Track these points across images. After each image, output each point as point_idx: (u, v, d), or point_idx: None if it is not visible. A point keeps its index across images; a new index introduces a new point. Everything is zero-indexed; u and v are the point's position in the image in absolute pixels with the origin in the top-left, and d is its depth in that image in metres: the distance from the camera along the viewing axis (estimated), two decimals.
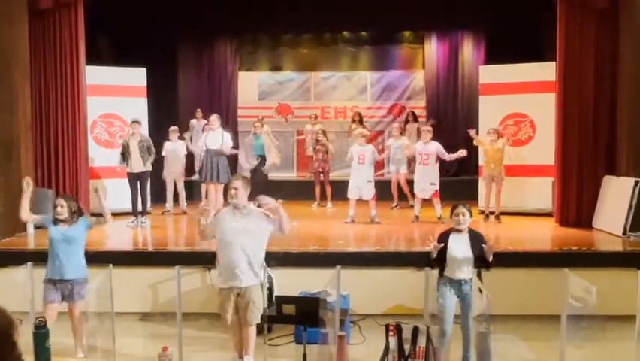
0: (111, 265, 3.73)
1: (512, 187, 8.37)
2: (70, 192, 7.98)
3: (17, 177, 7.27)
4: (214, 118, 8.23)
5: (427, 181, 8.00)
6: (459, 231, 4.47)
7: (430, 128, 8.38)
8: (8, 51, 7.19)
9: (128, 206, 8.17)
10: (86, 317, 4.65)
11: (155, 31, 10.14)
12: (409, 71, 12.26)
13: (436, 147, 7.99)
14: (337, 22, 11.19)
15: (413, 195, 8.59)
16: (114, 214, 7.98)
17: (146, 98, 9.26)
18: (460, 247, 4.42)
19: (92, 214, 5.96)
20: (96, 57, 8.81)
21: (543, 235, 7.49)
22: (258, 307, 4.33)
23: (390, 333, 3.68)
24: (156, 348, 4.08)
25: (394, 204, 9.55)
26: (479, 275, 4.76)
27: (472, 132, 8.28)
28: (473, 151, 8.95)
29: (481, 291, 4.19)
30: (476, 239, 4.47)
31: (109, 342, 3.69)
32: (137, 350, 5.06)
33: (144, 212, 8.21)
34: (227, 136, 8.22)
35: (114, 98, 8.95)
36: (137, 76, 9.18)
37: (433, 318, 4.34)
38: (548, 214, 8.26)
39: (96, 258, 5.89)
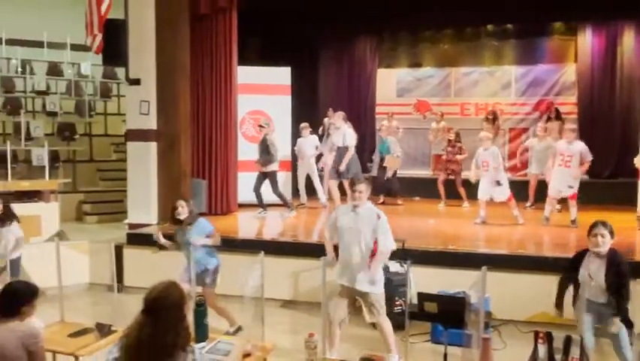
0: (262, 253, 3.96)
1: None
2: (222, 182, 8.66)
3: (177, 168, 8.05)
4: (338, 116, 8.34)
5: (565, 183, 7.43)
6: (596, 254, 4.05)
7: (575, 127, 7.76)
8: (172, 54, 7.92)
9: (274, 198, 8.63)
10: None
11: (299, 32, 10.56)
12: (558, 65, 11.42)
13: (581, 148, 7.39)
14: (480, 16, 10.77)
15: None
16: (254, 206, 8.62)
17: (290, 97, 9.67)
18: (593, 272, 4.02)
19: None
20: (244, 57, 9.36)
21: None
22: (378, 308, 4.44)
23: (540, 341, 3.50)
24: (299, 334, 4.28)
25: (529, 204, 9.03)
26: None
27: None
28: (633, 150, 8.13)
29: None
30: (614, 263, 4.00)
31: (257, 325, 3.92)
32: (283, 334, 5.34)
33: (287, 204, 8.60)
34: (350, 133, 8.29)
35: (261, 96, 9.47)
36: (282, 75, 9.64)
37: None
38: None
39: (239, 245, 6.40)
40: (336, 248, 4.69)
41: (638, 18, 10.38)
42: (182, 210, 5.09)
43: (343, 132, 8.28)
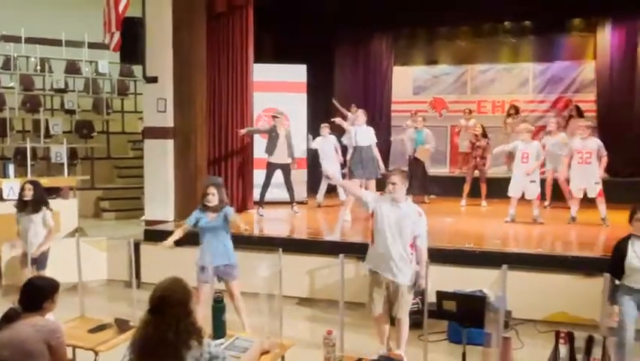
0: (280, 250, 3.96)
1: None
2: (237, 179, 8.68)
3: (193, 165, 8.09)
4: (361, 114, 8.23)
5: (591, 181, 7.32)
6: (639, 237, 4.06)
7: (590, 123, 7.65)
8: (190, 52, 7.96)
9: (284, 196, 8.63)
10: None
11: (314, 29, 10.53)
12: (577, 62, 11.27)
13: (597, 144, 7.32)
14: (498, 12, 10.67)
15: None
16: (273, 203, 8.64)
17: (306, 94, 9.66)
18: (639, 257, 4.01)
19: None
20: (260, 55, 9.36)
21: None
22: (407, 301, 4.39)
23: (561, 340, 3.45)
24: (317, 331, 4.27)
25: (547, 204, 8.91)
26: None
27: None
28: None
29: None
30: None
31: (275, 322, 3.93)
32: (300, 331, 5.35)
33: (293, 201, 8.59)
34: (372, 132, 8.22)
35: (277, 94, 9.48)
36: (297, 72, 9.63)
37: (612, 329, 4.00)
38: None
39: (256, 242, 6.41)
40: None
41: None
42: (213, 198, 5.02)
43: (367, 131, 8.07)
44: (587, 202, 7.59)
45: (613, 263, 4.16)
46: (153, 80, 7.94)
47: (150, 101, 8.05)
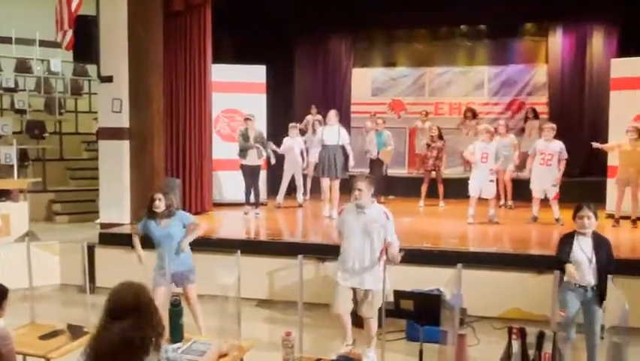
0: (239, 251, 3.93)
1: None
2: (196, 181, 8.57)
3: (150, 167, 7.95)
4: (332, 114, 8.28)
5: (549, 183, 7.58)
6: (582, 234, 4.22)
7: (554, 126, 7.89)
8: (146, 51, 7.80)
9: (241, 198, 8.58)
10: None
11: (274, 30, 10.52)
12: (530, 65, 11.64)
13: (560, 147, 7.55)
14: (454, 16, 10.91)
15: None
16: (230, 205, 8.57)
17: (265, 95, 9.63)
18: (583, 252, 4.17)
19: None
20: (219, 55, 9.27)
21: None
22: (376, 302, 4.42)
23: (514, 336, 3.55)
24: (275, 333, 4.26)
25: (501, 203, 9.15)
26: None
27: (595, 145, 7.77)
28: (601, 151, 8.33)
29: (615, 300, 3.92)
30: (602, 244, 4.22)
31: (233, 324, 3.90)
32: (259, 333, 5.31)
33: (258, 204, 8.54)
34: (345, 131, 8.30)
35: (236, 95, 9.40)
36: (257, 73, 9.56)
37: (559, 324, 4.14)
38: None
39: (216, 244, 6.34)
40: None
41: (607, 20, 10.62)
42: (160, 204, 4.90)
43: (337, 130, 8.15)
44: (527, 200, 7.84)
45: (560, 256, 4.30)
46: (108, 79, 7.77)
47: (105, 101, 7.87)
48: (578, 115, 10.86)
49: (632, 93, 8.19)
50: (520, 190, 8.86)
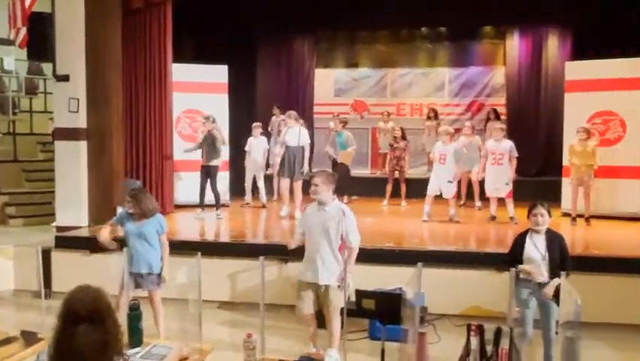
0: (199, 253, 3.88)
1: (602, 189, 7.98)
2: (157, 182, 8.43)
3: (109, 168, 7.78)
4: (291, 115, 8.28)
5: (502, 181, 7.78)
6: (536, 232, 4.34)
7: (504, 126, 8.13)
8: (104, 49, 7.63)
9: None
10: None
11: (235, 30, 10.44)
12: (489, 67, 11.90)
13: (510, 146, 7.76)
14: (415, 19, 11.05)
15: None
16: (192, 207, 8.46)
17: (227, 95, 9.54)
18: (537, 249, 4.29)
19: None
20: (180, 55, 9.15)
21: (635, 240, 7.08)
22: (337, 301, 4.42)
23: (472, 333, 3.62)
24: (237, 335, 4.22)
25: (461, 203, 9.32)
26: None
27: None
28: (557, 150, 8.59)
29: (569, 295, 4.04)
30: (555, 240, 4.34)
31: (194, 327, 3.85)
32: (221, 336, 5.27)
33: (218, 205, 8.46)
34: (305, 133, 8.31)
35: (197, 95, 9.28)
36: (218, 73, 9.47)
37: (515, 321, 4.24)
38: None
39: (177, 246, 6.23)
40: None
41: (561, 23, 10.94)
42: (129, 205, 4.87)
43: (298, 131, 8.16)
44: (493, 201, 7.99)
45: (511, 255, 4.42)
46: (64, 78, 7.56)
47: (61, 100, 7.65)
48: (535, 116, 11.15)
49: (585, 95, 8.46)
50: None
